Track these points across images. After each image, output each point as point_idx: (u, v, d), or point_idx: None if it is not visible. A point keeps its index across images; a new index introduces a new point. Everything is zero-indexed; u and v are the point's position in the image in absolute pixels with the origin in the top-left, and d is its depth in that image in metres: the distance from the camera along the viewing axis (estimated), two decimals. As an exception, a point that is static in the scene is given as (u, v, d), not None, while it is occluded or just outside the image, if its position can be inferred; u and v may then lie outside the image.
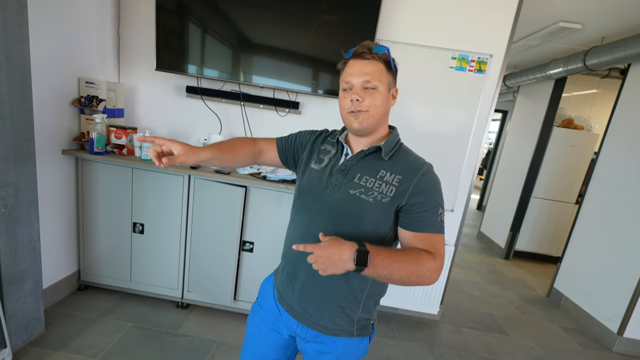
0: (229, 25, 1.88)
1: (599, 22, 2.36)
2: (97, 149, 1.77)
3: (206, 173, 1.80)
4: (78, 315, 1.83)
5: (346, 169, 0.83)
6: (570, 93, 3.94)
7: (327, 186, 0.83)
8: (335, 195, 0.81)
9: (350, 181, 0.81)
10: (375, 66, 0.78)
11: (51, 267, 1.83)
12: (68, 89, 1.77)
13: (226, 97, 2.09)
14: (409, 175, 0.78)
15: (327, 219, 0.82)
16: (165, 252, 1.95)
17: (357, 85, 0.79)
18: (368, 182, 0.79)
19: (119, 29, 2.05)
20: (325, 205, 0.82)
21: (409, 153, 0.85)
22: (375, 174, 0.80)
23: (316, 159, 0.90)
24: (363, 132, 0.83)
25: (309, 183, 0.87)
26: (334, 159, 0.87)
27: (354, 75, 0.79)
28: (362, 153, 0.83)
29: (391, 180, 0.79)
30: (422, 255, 0.74)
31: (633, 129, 2.48)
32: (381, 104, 0.80)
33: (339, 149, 0.89)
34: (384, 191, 0.78)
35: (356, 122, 0.80)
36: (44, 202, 1.67)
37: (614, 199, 2.53)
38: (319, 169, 0.87)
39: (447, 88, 2.00)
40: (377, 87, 0.78)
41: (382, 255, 0.70)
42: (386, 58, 0.80)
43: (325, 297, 0.84)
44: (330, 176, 0.84)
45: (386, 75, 0.80)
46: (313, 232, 0.84)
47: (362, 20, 1.85)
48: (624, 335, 2.26)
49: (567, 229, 3.19)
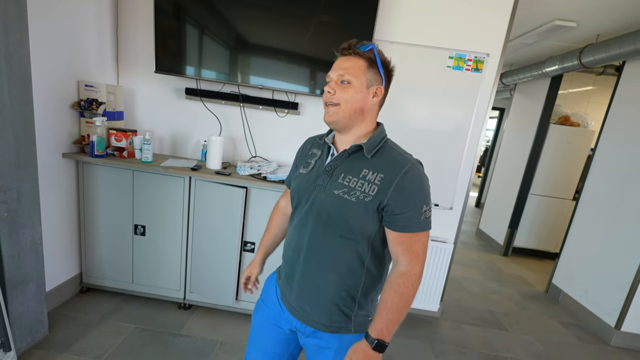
0: (227, 27, 1.89)
1: (594, 20, 2.38)
2: (98, 151, 1.78)
3: (206, 174, 1.82)
4: (81, 317, 1.84)
5: (331, 170, 0.84)
6: (567, 90, 3.96)
7: (315, 187, 0.84)
8: (322, 196, 0.82)
9: (334, 181, 0.82)
10: (353, 62, 0.80)
11: (54, 270, 1.84)
12: (68, 92, 1.78)
13: (225, 98, 2.10)
14: (391, 173, 0.78)
15: (317, 220, 0.83)
16: (166, 254, 1.96)
17: (334, 78, 0.82)
18: (351, 182, 0.80)
19: (118, 32, 2.05)
20: (314, 207, 0.84)
21: (394, 149, 0.84)
22: (358, 173, 0.80)
23: (304, 163, 0.92)
24: (335, 126, 0.84)
25: (298, 187, 0.89)
26: (319, 160, 0.89)
27: (333, 69, 0.82)
28: (345, 153, 0.84)
29: (373, 179, 0.79)
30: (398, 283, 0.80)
31: (629, 125, 2.51)
32: (353, 98, 0.80)
33: (324, 150, 0.90)
34: (367, 190, 0.78)
35: (327, 115, 0.83)
36: (45, 205, 1.67)
37: (611, 195, 2.56)
38: (306, 172, 0.89)
39: (444, 87, 2.02)
40: (350, 82, 0.79)
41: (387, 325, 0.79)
42: (370, 56, 0.81)
43: (321, 295, 0.86)
44: (317, 177, 0.85)
45: (365, 72, 0.80)
46: (305, 234, 0.86)
47: (360, 20, 1.86)
48: (621, 329, 2.29)
49: (565, 225, 3.22)
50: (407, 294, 0.80)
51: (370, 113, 0.85)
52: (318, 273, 0.86)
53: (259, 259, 1.09)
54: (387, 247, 0.87)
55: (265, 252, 1.10)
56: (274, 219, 1.10)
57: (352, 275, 0.84)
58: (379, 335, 0.79)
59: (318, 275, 0.86)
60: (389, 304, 0.79)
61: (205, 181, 1.84)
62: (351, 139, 0.85)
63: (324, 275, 0.85)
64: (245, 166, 1.91)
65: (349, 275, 0.84)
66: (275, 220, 1.09)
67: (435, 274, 2.22)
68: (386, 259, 0.89)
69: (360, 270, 0.84)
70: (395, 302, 0.79)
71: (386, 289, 0.82)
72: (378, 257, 0.86)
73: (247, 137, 2.18)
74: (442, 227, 2.22)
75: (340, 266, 0.84)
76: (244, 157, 2.22)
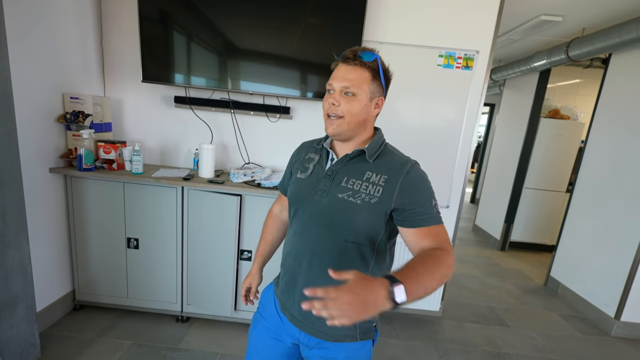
0: (215, 33, 1.87)
1: (579, 14, 2.41)
2: (86, 165, 1.73)
3: (199, 184, 1.78)
4: (75, 336, 1.78)
5: (333, 174, 0.83)
6: (555, 84, 4.01)
7: (316, 192, 0.83)
8: (324, 200, 0.81)
9: (337, 185, 0.81)
10: (358, 73, 0.78)
11: (44, 289, 1.78)
12: (52, 105, 1.73)
13: (216, 105, 2.07)
14: (394, 174, 0.79)
15: (319, 225, 0.82)
16: (161, 266, 1.92)
17: (337, 89, 0.79)
18: (355, 185, 0.80)
19: (102, 42, 2.01)
20: (315, 211, 0.82)
21: (394, 153, 0.85)
22: (361, 176, 0.80)
23: (301, 168, 0.91)
24: (338, 138, 0.83)
25: (297, 192, 0.88)
26: (318, 165, 0.88)
27: (336, 79, 0.79)
28: (347, 157, 0.83)
29: (377, 180, 0.79)
30: (437, 254, 0.70)
31: (617, 115, 2.54)
32: (358, 111, 0.79)
33: (323, 155, 0.88)
34: (371, 192, 0.78)
35: (330, 128, 0.81)
36: (33, 223, 1.62)
37: (604, 185, 2.58)
38: (305, 177, 0.88)
39: (436, 86, 2.02)
40: (356, 94, 0.78)
41: (413, 278, 0.62)
42: (374, 66, 0.79)
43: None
44: (318, 182, 0.84)
45: (369, 84, 0.79)
46: (307, 240, 0.84)
47: (348, 22, 1.84)
48: (621, 319, 2.31)
49: (560, 217, 3.25)
50: (447, 263, 0.68)
51: (371, 122, 0.85)
52: (322, 280, 0.83)
53: (256, 269, 1.07)
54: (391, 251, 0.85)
55: (262, 261, 1.07)
56: (268, 226, 1.07)
57: None
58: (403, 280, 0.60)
59: (322, 283, 0.82)
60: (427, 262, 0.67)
61: (198, 190, 1.80)
62: (352, 146, 0.85)
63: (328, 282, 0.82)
64: (238, 173, 1.87)
65: None
66: (270, 228, 1.07)
67: (435, 273, 2.20)
68: (390, 263, 0.87)
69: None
70: (430, 266, 0.66)
71: (421, 256, 0.71)
72: (383, 261, 0.84)
73: (239, 144, 2.15)
74: (440, 226, 2.21)
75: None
76: (237, 164, 2.19)
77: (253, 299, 1.06)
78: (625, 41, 2.24)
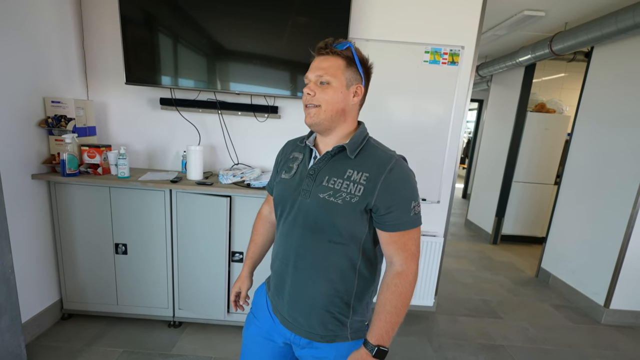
0: (200, 33, 1.84)
1: (561, 8, 2.45)
2: (70, 170, 1.69)
3: (187, 186, 1.75)
4: (63, 346, 1.74)
5: (315, 173, 0.81)
6: (540, 78, 4.07)
7: (299, 193, 0.81)
8: (307, 201, 0.80)
9: (319, 185, 0.79)
10: (331, 62, 0.78)
11: (30, 298, 1.73)
12: (33, 110, 1.68)
13: (202, 106, 2.04)
14: (376, 172, 0.76)
15: (304, 226, 0.80)
16: (151, 271, 1.88)
17: (312, 79, 0.79)
18: (336, 184, 0.78)
19: (84, 45, 1.97)
20: (300, 212, 0.81)
21: (377, 147, 0.82)
22: (342, 174, 0.78)
23: (285, 168, 0.89)
24: (316, 128, 0.81)
25: (282, 193, 0.86)
26: (302, 164, 0.86)
27: (311, 70, 0.80)
28: (328, 155, 0.81)
29: (359, 179, 0.77)
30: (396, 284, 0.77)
31: (601, 107, 2.59)
32: (333, 99, 0.78)
33: (306, 153, 0.87)
34: (352, 191, 0.76)
35: (308, 117, 0.80)
36: (16, 231, 1.58)
37: (590, 177, 2.63)
38: (289, 177, 0.86)
39: (423, 82, 2.02)
40: (330, 82, 0.77)
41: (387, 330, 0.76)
42: (348, 54, 0.79)
43: (313, 304, 0.82)
44: (301, 182, 0.82)
45: (344, 71, 0.78)
46: (292, 242, 0.83)
47: (334, 20, 1.85)
48: (610, 307, 2.35)
49: (549, 209, 3.30)
50: (406, 294, 0.77)
51: (352, 113, 0.83)
52: (309, 281, 0.82)
53: (246, 272, 1.05)
54: (378, 248, 0.84)
55: (252, 264, 1.05)
56: (257, 228, 1.06)
57: (344, 281, 0.81)
58: (378, 341, 0.76)
59: (309, 284, 0.82)
60: (387, 306, 0.77)
61: (187, 193, 1.78)
62: (333, 141, 0.83)
63: (315, 283, 0.82)
64: (227, 174, 1.85)
65: (341, 280, 0.81)
66: (259, 229, 1.05)
67: (428, 269, 2.22)
68: (378, 260, 0.86)
69: (352, 275, 0.81)
70: (394, 304, 0.77)
71: (382, 290, 0.79)
72: (369, 260, 0.83)
73: (227, 145, 2.13)
74: (431, 221, 2.22)
75: (331, 272, 0.80)
76: (226, 165, 2.16)
77: (243, 304, 1.04)
78: (606, 34, 2.29)
